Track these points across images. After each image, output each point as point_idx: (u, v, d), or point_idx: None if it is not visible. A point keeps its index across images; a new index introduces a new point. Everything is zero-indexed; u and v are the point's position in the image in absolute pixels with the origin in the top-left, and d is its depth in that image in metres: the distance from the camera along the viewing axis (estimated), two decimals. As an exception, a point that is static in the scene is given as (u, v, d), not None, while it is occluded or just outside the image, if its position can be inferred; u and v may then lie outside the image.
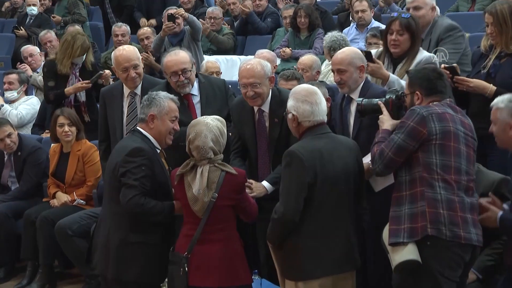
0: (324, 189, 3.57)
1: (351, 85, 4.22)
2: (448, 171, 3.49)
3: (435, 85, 3.67)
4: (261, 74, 4.21)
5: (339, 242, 3.63)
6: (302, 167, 3.53)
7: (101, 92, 5.08)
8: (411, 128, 3.52)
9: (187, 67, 4.53)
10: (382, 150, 3.57)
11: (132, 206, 3.74)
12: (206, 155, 3.79)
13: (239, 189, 3.80)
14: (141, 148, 3.83)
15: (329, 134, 3.75)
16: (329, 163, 3.59)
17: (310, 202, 3.56)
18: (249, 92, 4.22)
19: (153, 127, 3.93)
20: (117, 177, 3.82)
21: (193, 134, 3.81)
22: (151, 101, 3.95)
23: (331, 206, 3.60)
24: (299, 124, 3.72)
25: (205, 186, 3.73)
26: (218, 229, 3.77)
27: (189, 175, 3.79)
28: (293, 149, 3.60)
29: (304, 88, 3.82)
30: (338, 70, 4.23)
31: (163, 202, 3.85)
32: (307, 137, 3.68)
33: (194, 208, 3.75)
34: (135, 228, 3.83)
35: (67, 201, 5.55)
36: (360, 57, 4.27)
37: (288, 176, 3.57)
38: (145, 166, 3.79)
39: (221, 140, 3.83)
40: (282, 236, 3.64)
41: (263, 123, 4.35)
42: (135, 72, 4.77)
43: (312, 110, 3.69)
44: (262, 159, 4.37)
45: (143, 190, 3.76)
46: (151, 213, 3.78)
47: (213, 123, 3.84)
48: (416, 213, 3.47)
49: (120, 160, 3.81)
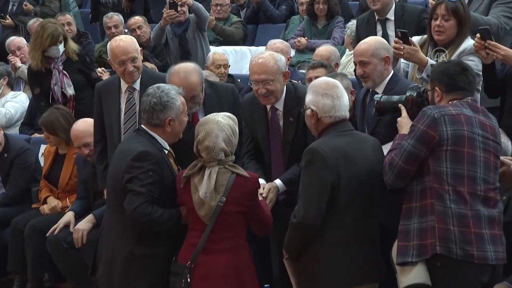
0: (348, 191, 3.57)
1: (375, 79, 4.20)
2: (460, 181, 3.44)
3: (456, 80, 3.64)
4: (274, 69, 4.19)
5: (363, 250, 3.62)
6: (324, 165, 3.53)
7: (96, 87, 5.07)
8: (422, 132, 3.48)
9: (197, 93, 4.41)
10: (392, 159, 3.54)
11: (138, 215, 3.75)
12: (217, 156, 3.79)
13: (250, 194, 3.80)
14: (148, 152, 3.83)
15: (352, 132, 3.75)
16: (354, 163, 3.59)
17: (332, 206, 3.55)
18: (261, 90, 4.21)
19: (171, 130, 3.95)
20: (121, 183, 3.82)
21: (202, 133, 3.81)
22: (165, 105, 3.92)
23: (355, 211, 3.59)
24: (319, 120, 3.72)
25: (212, 189, 3.74)
26: (225, 237, 3.76)
27: (196, 177, 3.80)
28: (314, 146, 3.60)
29: (324, 81, 3.81)
30: (360, 62, 4.22)
31: (170, 210, 3.86)
32: (329, 135, 3.69)
33: (200, 213, 3.76)
34: (142, 240, 3.84)
35: (58, 207, 5.54)
36: (385, 47, 4.24)
37: (309, 176, 3.56)
38: (153, 171, 3.80)
39: (233, 140, 3.84)
40: (302, 243, 3.63)
41: (276, 123, 4.34)
42: (133, 65, 4.72)
43: (333, 104, 3.69)
44: (276, 163, 4.37)
45: (150, 198, 3.77)
46: (159, 222, 3.79)
47: (225, 121, 3.85)
48: (426, 228, 3.44)
49: (125, 165, 3.82)
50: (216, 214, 3.73)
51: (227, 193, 3.73)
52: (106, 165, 4.84)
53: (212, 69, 6.53)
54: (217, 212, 3.73)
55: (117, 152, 4.04)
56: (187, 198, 3.81)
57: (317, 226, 3.53)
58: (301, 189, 3.58)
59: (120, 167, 3.85)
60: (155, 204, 3.78)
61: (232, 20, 8.54)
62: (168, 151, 3.98)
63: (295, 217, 3.56)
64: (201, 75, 4.48)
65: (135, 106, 4.79)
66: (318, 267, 3.59)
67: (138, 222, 3.77)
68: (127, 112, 4.82)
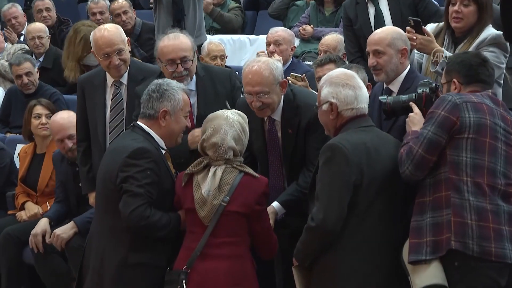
0: (371, 192, 3.58)
1: (389, 72, 4.23)
2: (480, 172, 3.48)
3: (476, 72, 3.69)
4: (269, 80, 4.16)
5: (387, 259, 3.61)
6: (346, 162, 3.54)
7: (79, 80, 5.07)
8: (443, 118, 3.53)
9: (188, 55, 4.48)
10: (410, 148, 3.57)
11: (136, 218, 3.75)
12: (224, 155, 3.84)
13: (258, 196, 3.82)
14: (146, 149, 3.85)
15: (374, 128, 3.78)
16: (377, 161, 3.62)
17: (353, 208, 3.56)
18: (256, 103, 4.19)
19: (165, 125, 3.95)
20: (115, 184, 3.82)
21: (210, 129, 3.85)
22: (163, 93, 3.94)
23: (379, 214, 3.60)
24: (339, 115, 3.73)
25: (216, 187, 3.79)
26: (226, 243, 3.79)
27: (199, 175, 3.84)
28: (335, 142, 3.62)
29: (341, 72, 3.83)
30: (374, 51, 4.24)
31: (169, 214, 3.89)
32: (349, 130, 3.69)
33: (200, 214, 3.79)
34: (137, 246, 3.85)
35: (38, 214, 5.55)
36: (404, 39, 4.26)
37: (329, 174, 3.56)
38: (151, 170, 3.81)
39: (243, 138, 3.89)
40: (318, 250, 3.61)
41: (274, 134, 4.35)
42: (120, 58, 4.72)
43: (355, 95, 3.72)
44: (274, 177, 4.38)
45: (149, 200, 3.79)
46: (158, 226, 3.81)
47: (234, 117, 3.90)
48: (441, 223, 3.47)
49: (119, 164, 3.83)
50: (218, 214, 3.76)
51: (232, 192, 3.77)
52: (90, 167, 4.87)
53: (207, 61, 6.56)
54: (219, 213, 3.76)
55: (109, 150, 4.05)
56: (187, 197, 3.84)
57: (337, 231, 3.53)
58: (320, 189, 3.57)
59: (113, 166, 3.86)
60: (153, 207, 3.80)
61: (229, 6, 8.54)
62: (165, 152, 4.00)
63: (313, 220, 3.54)
64: (192, 43, 4.54)
65: (122, 102, 4.80)
66: (334, 278, 3.58)
67: (134, 226, 3.77)
68: (113, 109, 4.83)
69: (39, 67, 7.05)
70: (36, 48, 7.46)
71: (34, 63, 6.80)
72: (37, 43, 7.44)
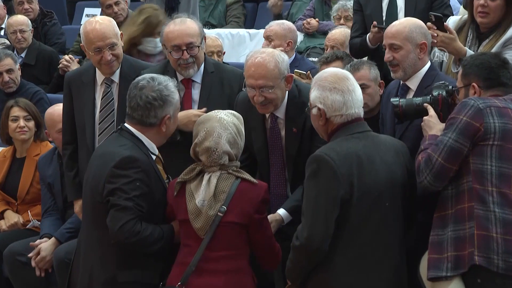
0: (363, 206, 3.57)
1: (406, 68, 4.25)
2: (506, 182, 3.49)
3: (497, 75, 3.69)
4: (274, 74, 4.16)
5: (383, 278, 3.62)
6: (333, 176, 3.52)
7: (66, 77, 5.07)
8: (465, 124, 3.53)
9: (195, 41, 4.51)
10: (429, 156, 3.57)
11: (125, 235, 3.75)
12: (219, 160, 3.83)
13: (257, 204, 3.81)
14: (134, 157, 3.84)
15: (368, 133, 3.74)
16: (370, 171, 3.60)
17: (343, 225, 3.56)
18: (258, 98, 4.19)
19: (165, 129, 3.98)
20: (102, 196, 3.82)
21: (202, 132, 3.85)
22: (165, 100, 3.93)
23: (372, 230, 3.60)
24: (328, 121, 3.72)
25: (211, 196, 3.78)
26: (224, 257, 3.79)
27: (192, 183, 3.84)
28: (320, 153, 3.60)
29: (331, 73, 3.79)
30: (391, 45, 4.26)
31: (161, 226, 3.89)
32: (339, 137, 3.68)
33: (195, 225, 3.78)
34: (126, 263, 3.85)
35: (19, 223, 5.58)
36: (423, 32, 4.27)
37: (314, 189, 3.56)
38: (140, 181, 3.81)
39: (238, 141, 3.88)
40: (306, 270, 3.63)
41: (277, 133, 4.36)
42: (112, 53, 4.73)
43: (344, 100, 3.68)
44: (276, 180, 4.38)
45: (138, 213, 3.78)
46: (149, 242, 3.81)
47: (229, 118, 3.88)
48: (463, 237, 3.47)
49: (106, 174, 3.82)
50: (214, 226, 3.75)
51: (229, 202, 3.77)
52: (77, 172, 4.87)
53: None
54: (216, 224, 3.75)
55: (96, 155, 4.04)
56: (180, 207, 3.83)
57: (325, 249, 3.53)
58: (305, 204, 3.58)
59: (99, 175, 3.85)
60: (143, 220, 3.79)
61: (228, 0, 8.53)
62: (156, 156, 4.00)
63: (297, 238, 3.56)
64: (201, 28, 4.57)
65: (113, 102, 4.80)
66: (327, 298, 3.59)
67: (124, 243, 3.77)
68: (103, 110, 4.83)
69: (21, 63, 7.07)
70: (17, 43, 7.47)
71: (15, 59, 6.82)
72: (18, 38, 7.45)
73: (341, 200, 3.53)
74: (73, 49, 7.89)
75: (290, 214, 4.21)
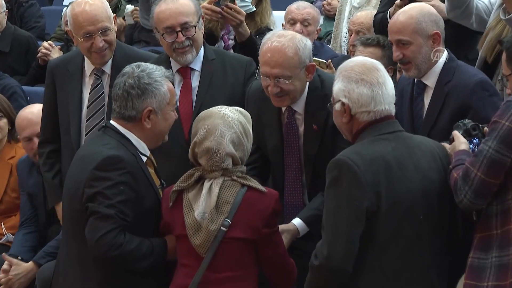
0: (393, 220, 3.58)
1: (420, 65, 4.28)
2: None
3: None
4: (293, 62, 4.17)
5: None
6: (357, 185, 3.53)
7: (49, 65, 5.08)
8: (508, 131, 3.50)
9: (190, 21, 4.54)
10: (467, 170, 3.55)
11: (105, 247, 3.74)
12: (221, 163, 3.82)
13: (267, 216, 3.80)
14: (119, 157, 3.84)
15: (400, 134, 3.75)
16: (401, 179, 3.60)
17: (370, 242, 3.56)
18: (273, 88, 4.20)
19: (150, 126, 3.96)
20: (81, 202, 3.83)
21: (202, 130, 3.84)
22: (144, 89, 3.92)
23: (404, 248, 3.60)
24: (353, 118, 3.72)
25: (213, 207, 3.77)
26: (228, 278, 3.79)
27: (190, 192, 3.83)
28: (342, 157, 3.60)
29: (358, 62, 3.80)
30: (398, 41, 4.28)
31: (151, 240, 3.88)
32: (366, 139, 3.68)
33: (194, 242, 3.78)
34: (109, 282, 3.85)
35: (-8, 237, 5.62)
36: (434, 19, 4.28)
37: (335, 200, 3.56)
38: (125, 184, 3.80)
39: (244, 142, 3.87)
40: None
41: (294, 130, 4.37)
42: (104, 39, 4.75)
43: (372, 94, 3.68)
44: (292, 185, 4.40)
45: (122, 223, 3.77)
46: (135, 257, 3.80)
47: (234, 115, 3.87)
48: (506, 264, 3.46)
49: (85, 177, 3.83)
50: (216, 243, 3.75)
51: (234, 214, 3.76)
52: (57, 172, 4.90)
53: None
54: (218, 240, 3.75)
55: (76, 158, 4.04)
56: (177, 221, 3.83)
57: (348, 270, 3.52)
58: (325, 217, 3.58)
59: (79, 179, 3.86)
60: (128, 231, 3.78)
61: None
62: (147, 158, 4.00)
63: (316, 257, 3.55)
64: (196, 5, 4.59)
65: (103, 96, 4.82)
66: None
67: (104, 257, 3.76)
68: (91, 105, 4.85)
69: (-7, 51, 7.11)
70: (-11, 27, 7.49)
71: None
72: (-10, 21, 7.46)
73: (367, 212, 3.52)
74: (55, 35, 7.95)
75: (307, 225, 4.21)
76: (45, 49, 6.93)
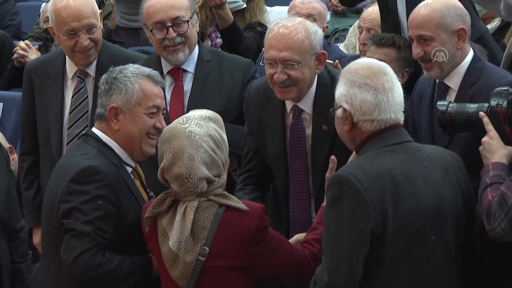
0: (401, 242, 3.53)
1: (443, 64, 4.27)
2: None
3: None
4: (304, 46, 4.16)
5: None
6: (360, 204, 3.47)
7: (26, 67, 5.11)
8: None
9: (182, 15, 4.59)
10: (503, 195, 3.51)
11: (81, 268, 3.72)
12: (195, 189, 3.74)
13: (251, 237, 3.74)
14: (96, 168, 3.83)
15: (407, 145, 3.68)
16: (409, 196, 3.54)
17: (375, 266, 3.52)
18: (279, 75, 4.16)
19: (118, 127, 3.93)
20: (57, 218, 3.83)
21: (168, 155, 3.78)
22: (112, 83, 3.95)
23: (414, 273, 3.56)
24: (355, 126, 3.66)
25: (188, 235, 3.72)
26: None
27: (164, 218, 3.79)
28: (344, 173, 3.54)
29: (364, 64, 3.73)
30: (418, 37, 4.26)
31: (134, 258, 3.89)
32: (370, 151, 3.62)
33: (172, 274, 3.78)
34: None
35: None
36: (459, 14, 4.27)
37: (336, 221, 3.51)
38: (103, 198, 3.79)
39: (219, 154, 3.80)
40: None
41: (301, 131, 4.33)
42: (90, 37, 4.79)
43: (376, 101, 3.61)
44: (297, 195, 4.37)
45: (100, 241, 3.75)
46: (114, 278, 3.81)
47: (201, 130, 3.78)
48: None
49: (61, 190, 3.82)
50: (196, 274, 3.73)
51: (211, 240, 3.71)
52: (37, 191, 4.93)
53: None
54: (198, 271, 3.73)
55: (55, 170, 4.06)
56: (155, 248, 3.84)
57: None
58: (325, 240, 3.55)
59: (55, 194, 3.88)
60: (108, 250, 3.78)
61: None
62: (132, 169, 4.02)
63: (315, 284, 3.53)
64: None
65: (87, 101, 4.85)
66: None
67: (80, 279, 3.76)
68: (74, 110, 4.88)
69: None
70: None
71: None
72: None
73: (372, 235, 3.47)
74: (32, 33, 7.99)
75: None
76: (22, 49, 6.89)
